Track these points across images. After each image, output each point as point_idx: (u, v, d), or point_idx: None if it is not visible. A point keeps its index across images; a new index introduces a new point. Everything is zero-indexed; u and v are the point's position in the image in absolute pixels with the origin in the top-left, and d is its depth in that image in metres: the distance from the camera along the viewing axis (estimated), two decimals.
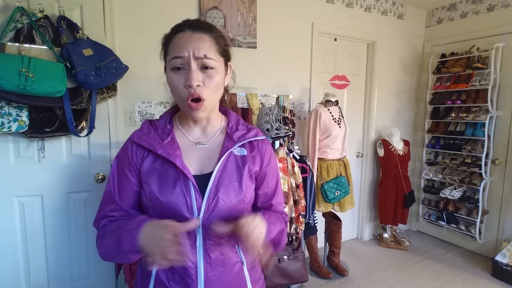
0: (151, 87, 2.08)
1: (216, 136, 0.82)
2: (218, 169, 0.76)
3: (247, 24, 2.36)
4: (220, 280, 0.75)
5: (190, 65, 0.70)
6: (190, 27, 0.73)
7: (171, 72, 0.73)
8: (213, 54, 0.72)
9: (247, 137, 0.82)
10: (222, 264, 0.76)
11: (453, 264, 2.79)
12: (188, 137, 0.81)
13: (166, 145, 0.75)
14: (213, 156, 0.79)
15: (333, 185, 2.45)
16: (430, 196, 3.34)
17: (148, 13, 2.02)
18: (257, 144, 0.84)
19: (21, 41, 1.55)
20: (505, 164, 2.78)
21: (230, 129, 0.83)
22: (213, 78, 0.73)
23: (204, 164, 0.78)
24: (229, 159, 0.79)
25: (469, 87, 2.88)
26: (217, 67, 0.73)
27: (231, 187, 0.76)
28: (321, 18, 2.72)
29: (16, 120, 1.53)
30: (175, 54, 0.71)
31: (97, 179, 1.92)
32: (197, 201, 0.73)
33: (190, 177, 0.73)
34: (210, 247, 0.74)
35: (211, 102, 0.75)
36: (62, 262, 1.89)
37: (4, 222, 1.73)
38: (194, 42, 0.71)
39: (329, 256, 2.73)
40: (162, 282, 0.74)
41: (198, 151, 0.80)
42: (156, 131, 0.80)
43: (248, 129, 0.85)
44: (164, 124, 0.81)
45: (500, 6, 2.78)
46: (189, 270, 0.73)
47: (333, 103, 2.50)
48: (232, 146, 0.79)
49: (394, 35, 3.19)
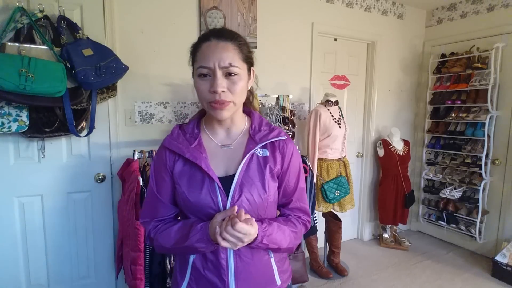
0: (151, 87, 2.08)
1: (239, 138, 0.87)
2: (240, 171, 0.81)
3: (247, 24, 2.36)
4: (248, 270, 0.82)
5: (216, 73, 0.75)
6: (215, 36, 0.78)
7: (198, 78, 0.78)
8: (237, 62, 0.77)
9: (269, 138, 0.85)
10: (250, 255, 0.82)
11: (453, 264, 2.79)
12: (214, 140, 0.87)
13: (193, 149, 0.81)
14: (237, 157, 0.84)
15: (333, 185, 2.45)
16: (430, 196, 3.34)
17: (148, 13, 2.02)
18: (278, 144, 0.87)
19: (21, 41, 1.55)
20: (505, 164, 2.78)
21: (253, 130, 0.87)
22: (237, 84, 0.77)
23: (228, 166, 0.84)
24: (251, 160, 0.83)
25: (469, 87, 2.88)
26: (240, 73, 0.78)
27: (254, 187, 0.81)
28: (321, 18, 2.72)
29: (16, 120, 1.53)
30: (202, 64, 0.77)
31: (97, 179, 1.92)
32: (222, 201, 0.79)
33: (215, 178, 0.79)
34: None
35: (235, 104, 0.80)
36: (62, 262, 1.89)
37: (4, 222, 1.73)
38: (219, 52, 0.76)
39: (329, 256, 2.73)
40: (198, 269, 0.83)
41: (223, 153, 0.85)
42: (185, 135, 0.86)
43: (270, 130, 0.88)
44: (192, 129, 0.88)
45: (500, 6, 2.78)
46: (221, 261, 0.80)
47: (333, 103, 2.50)
48: (254, 148, 0.83)
49: (394, 35, 3.19)
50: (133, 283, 1.58)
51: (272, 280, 0.87)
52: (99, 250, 1.98)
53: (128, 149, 1.99)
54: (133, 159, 1.72)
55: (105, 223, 1.98)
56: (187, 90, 2.19)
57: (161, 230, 0.84)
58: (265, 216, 0.85)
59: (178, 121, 2.19)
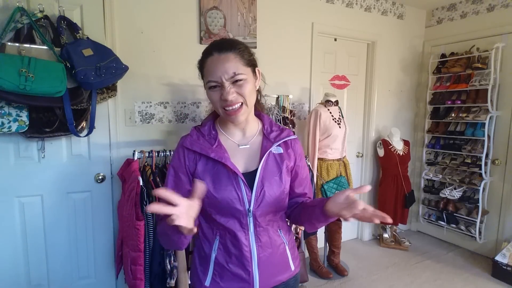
0: (151, 87, 2.08)
1: (255, 138, 0.95)
2: (261, 167, 0.89)
3: (247, 24, 2.36)
4: (269, 259, 0.90)
5: (224, 84, 0.82)
6: (216, 50, 0.84)
7: (209, 90, 0.86)
8: (240, 69, 0.83)
9: (282, 137, 0.95)
10: (270, 245, 0.91)
11: (453, 264, 2.79)
12: (232, 139, 0.94)
13: (215, 149, 0.88)
14: (255, 155, 0.92)
15: (333, 185, 2.45)
16: (430, 196, 3.34)
17: (148, 13, 2.02)
18: (290, 143, 0.98)
19: (21, 41, 1.54)
20: (505, 164, 2.78)
21: (266, 130, 0.96)
22: (244, 87, 0.84)
23: (248, 163, 0.92)
24: (269, 157, 0.92)
25: (469, 87, 2.88)
26: (245, 78, 0.84)
27: (273, 181, 0.89)
28: (321, 18, 2.72)
29: (16, 120, 1.53)
30: (210, 79, 0.84)
31: (97, 179, 1.92)
32: (247, 195, 0.86)
33: (240, 175, 0.86)
34: (260, 233, 0.89)
35: (247, 105, 0.86)
36: (62, 262, 1.89)
37: (4, 222, 1.73)
38: (222, 64, 0.82)
39: (329, 256, 2.73)
40: (221, 264, 0.88)
41: (241, 151, 0.93)
42: (204, 137, 0.92)
43: (281, 130, 0.98)
44: (209, 130, 0.94)
45: (500, 6, 2.78)
46: (245, 253, 0.87)
47: (333, 103, 2.50)
48: (271, 146, 0.92)
49: (394, 35, 3.19)
50: (133, 283, 1.58)
51: (287, 266, 0.96)
52: (99, 250, 1.98)
53: (128, 149, 1.99)
54: (133, 159, 1.72)
55: (105, 223, 1.98)
56: (187, 90, 2.19)
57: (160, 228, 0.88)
58: (280, 206, 0.94)
59: (178, 121, 2.19)
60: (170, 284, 1.64)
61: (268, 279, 0.90)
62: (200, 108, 2.25)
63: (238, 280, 0.88)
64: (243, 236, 0.87)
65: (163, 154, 1.79)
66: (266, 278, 0.90)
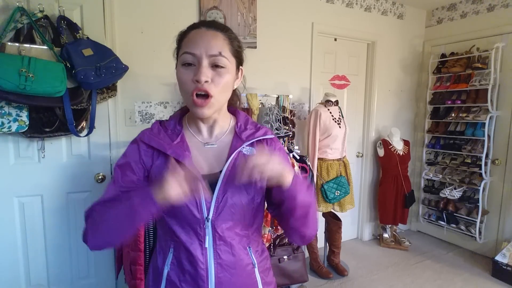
0: (151, 87, 2.08)
1: (224, 136, 0.82)
2: (226, 168, 0.75)
3: (247, 24, 2.36)
4: (231, 281, 0.75)
5: (201, 62, 0.70)
6: (205, 25, 0.73)
7: (181, 67, 0.72)
8: (226, 53, 0.72)
9: (256, 136, 0.81)
10: (233, 265, 0.75)
11: (453, 264, 2.79)
12: (197, 137, 0.81)
13: (175, 146, 0.75)
14: (222, 155, 0.79)
15: (333, 185, 2.45)
16: (430, 196, 3.34)
17: (148, 13, 2.02)
18: (266, 143, 0.83)
19: (21, 41, 1.55)
20: (505, 164, 2.78)
21: (239, 128, 0.82)
22: (223, 77, 0.72)
23: (213, 164, 0.78)
24: (238, 158, 0.77)
25: (469, 87, 2.88)
26: (228, 66, 0.73)
27: (240, 186, 0.74)
28: (321, 18, 2.72)
29: (16, 120, 1.53)
30: (187, 50, 0.71)
31: (97, 179, 1.92)
32: (206, 202, 0.73)
33: (198, 176, 0.70)
34: (220, 247, 0.74)
35: (218, 100, 0.74)
36: (62, 262, 1.89)
37: (4, 222, 1.73)
38: (208, 39, 0.71)
39: (329, 256, 2.73)
40: (174, 282, 0.75)
41: (207, 151, 0.80)
42: (166, 131, 0.80)
43: (256, 129, 0.84)
44: (174, 125, 0.81)
45: (500, 6, 2.78)
46: (200, 271, 0.73)
47: (333, 103, 2.50)
48: (241, 145, 0.78)
49: (394, 35, 3.19)
50: (133, 283, 1.58)
51: None
52: (99, 250, 1.98)
53: None
54: None
55: None
56: None
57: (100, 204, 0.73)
58: (253, 220, 0.80)
59: None
60: None
61: None
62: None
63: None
64: (199, 250, 0.72)
65: None
66: None
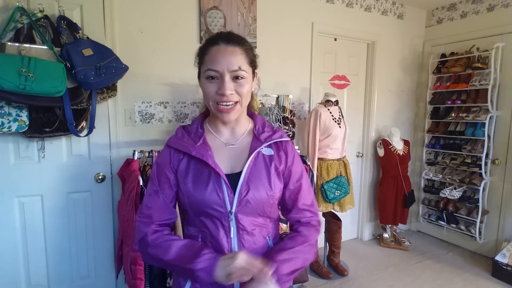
0: (151, 87, 2.08)
1: (243, 137, 0.90)
2: (247, 167, 0.83)
3: (247, 24, 2.36)
4: None
5: (224, 77, 0.78)
6: (223, 41, 0.81)
7: (206, 80, 0.81)
8: (244, 66, 0.81)
9: (273, 138, 0.89)
10: (255, 252, 0.83)
11: (453, 264, 2.79)
12: (219, 138, 0.89)
13: (198, 147, 0.84)
14: (242, 155, 0.87)
15: (333, 185, 2.45)
16: (430, 196, 3.34)
17: (148, 13, 2.02)
18: (281, 145, 0.91)
19: (21, 41, 1.55)
20: (505, 164, 2.78)
21: (257, 131, 0.91)
22: (244, 87, 0.81)
23: (234, 163, 0.86)
24: (257, 158, 0.86)
25: (469, 87, 2.88)
26: (247, 76, 0.82)
27: (260, 184, 0.83)
28: (321, 18, 2.72)
29: (16, 120, 1.53)
30: (211, 67, 0.79)
31: (97, 179, 1.92)
32: (229, 197, 0.80)
33: (222, 175, 0.81)
34: (244, 237, 0.83)
35: (241, 105, 0.83)
36: (62, 262, 1.89)
37: (4, 222, 1.73)
38: (228, 56, 0.79)
39: (329, 256, 2.73)
40: None
41: (228, 151, 0.88)
42: (189, 135, 0.88)
43: (273, 131, 0.92)
44: (196, 129, 0.90)
45: (500, 6, 2.78)
46: None
47: (333, 103, 2.50)
48: (260, 146, 0.87)
49: (394, 35, 3.19)
50: (133, 283, 1.58)
51: None
52: (99, 250, 1.98)
53: (128, 149, 1.99)
54: (133, 159, 1.72)
55: (105, 223, 1.98)
56: (187, 90, 2.19)
57: (160, 240, 0.81)
58: (270, 213, 0.87)
59: (178, 121, 2.19)
60: (170, 284, 1.64)
61: None
62: (200, 108, 2.25)
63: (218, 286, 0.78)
64: (225, 239, 0.81)
65: None
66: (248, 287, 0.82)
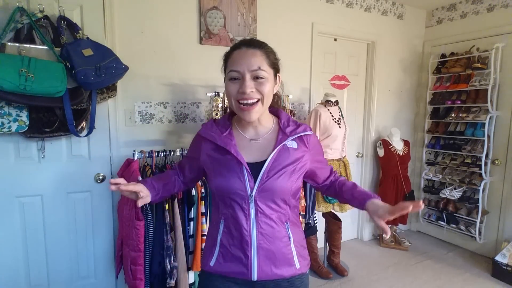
0: (151, 87, 2.08)
1: (268, 134, 0.97)
2: (272, 157, 0.91)
3: (247, 24, 2.36)
4: (269, 248, 0.91)
5: (245, 77, 0.86)
6: (245, 45, 0.89)
7: (229, 82, 0.89)
8: (264, 66, 0.88)
9: (297, 132, 0.96)
10: (272, 235, 0.91)
11: (453, 264, 2.79)
12: (244, 134, 0.97)
13: (224, 137, 0.93)
14: (268, 148, 0.94)
15: None
16: (430, 196, 3.34)
17: (148, 13, 2.02)
18: (306, 138, 0.98)
19: (21, 41, 1.55)
20: (505, 164, 2.78)
21: (283, 125, 0.98)
22: (264, 85, 0.88)
23: (258, 155, 0.93)
24: (282, 150, 0.93)
25: (469, 87, 2.88)
26: (267, 77, 0.88)
27: (282, 173, 0.90)
28: (321, 18, 2.72)
29: (16, 120, 1.53)
30: (232, 68, 0.88)
31: (97, 179, 1.92)
32: (249, 182, 0.88)
33: (243, 163, 0.89)
34: (262, 219, 0.90)
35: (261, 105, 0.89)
36: (62, 262, 1.89)
37: (4, 222, 1.73)
38: (248, 58, 0.87)
39: (329, 256, 2.73)
40: (225, 246, 0.93)
41: (252, 145, 0.95)
42: (218, 126, 0.97)
43: (297, 125, 0.99)
44: (224, 122, 0.99)
45: (500, 6, 2.78)
46: (245, 237, 0.90)
47: (333, 103, 2.50)
48: (286, 139, 0.94)
49: (394, 35, 3.19)
50: (133, 283, 1.58)
51: (291, 262, 0.95)
52: (99, 250, 1.99)
53: (128, 149, 1.99)
54: (133, 159, 1.72)
55: (105, 223, 1.98)
56: (187, 90, 2.19)
57: None
58: (289, 201, 0.94)
59: (178, 121, 2.19)
60: (170, 284, 1.64)
61: (267, 269, 0.91)
62: (200, 108, 2.25)
63: (238, 262, 0.91)
64: (244, 220, 0.90)
65: (163, 154, 1.79)
66: (265, 266, 0.90)
